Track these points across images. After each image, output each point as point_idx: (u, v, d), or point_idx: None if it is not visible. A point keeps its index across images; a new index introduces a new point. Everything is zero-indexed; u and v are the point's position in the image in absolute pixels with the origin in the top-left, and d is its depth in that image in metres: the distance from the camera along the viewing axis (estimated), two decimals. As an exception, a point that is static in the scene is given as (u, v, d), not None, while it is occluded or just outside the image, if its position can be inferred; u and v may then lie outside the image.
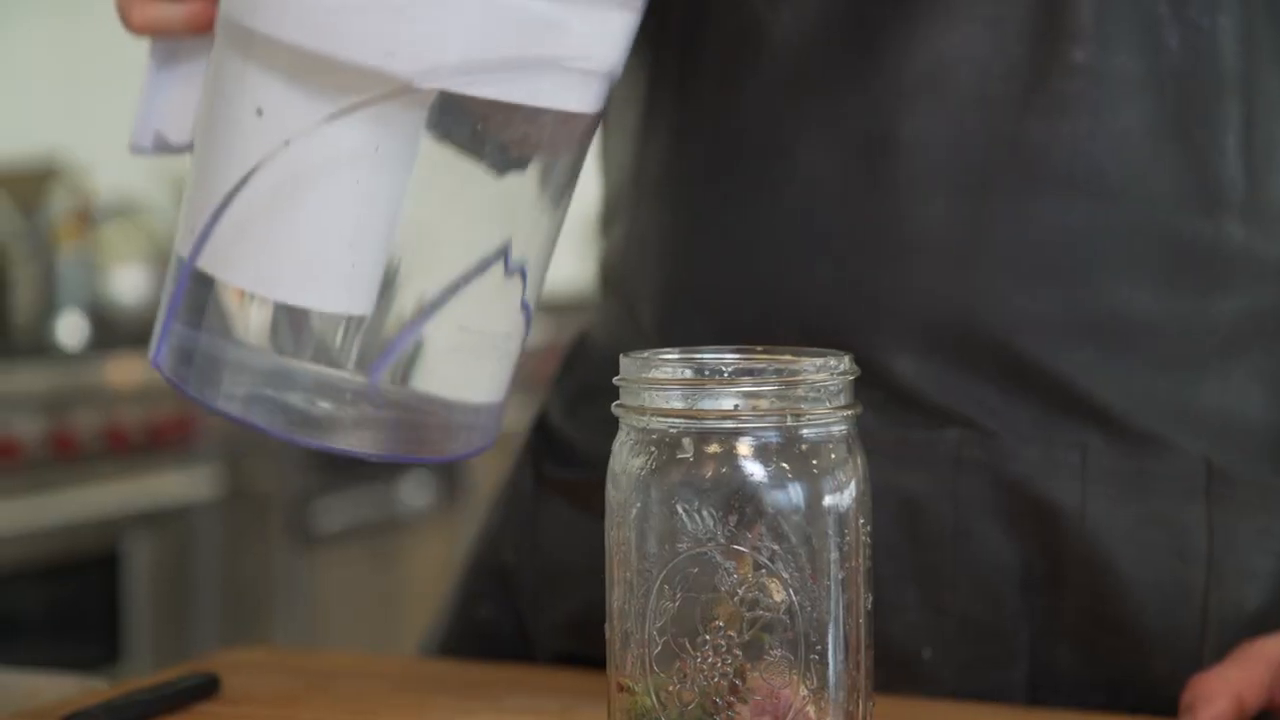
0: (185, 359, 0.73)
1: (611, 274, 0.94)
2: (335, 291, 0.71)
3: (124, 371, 2.65)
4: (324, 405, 0.71)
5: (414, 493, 3.19)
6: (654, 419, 0.65)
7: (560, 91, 0.70)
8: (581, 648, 0.88)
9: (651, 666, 0.65)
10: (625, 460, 0.66)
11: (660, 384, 0.65)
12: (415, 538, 3.18)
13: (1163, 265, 0.82)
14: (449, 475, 3.26)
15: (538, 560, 0.92)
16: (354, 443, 0.72)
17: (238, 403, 0.72)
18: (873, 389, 0.81)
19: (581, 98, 0.71)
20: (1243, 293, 0.82)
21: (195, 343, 0.72)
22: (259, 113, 0.69)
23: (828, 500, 0.65)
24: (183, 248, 0.73)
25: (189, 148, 0.77)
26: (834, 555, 0.64)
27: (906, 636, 0.83)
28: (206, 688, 0.84)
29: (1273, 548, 0.81)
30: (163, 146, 0.79)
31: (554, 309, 3.70)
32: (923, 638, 0.83)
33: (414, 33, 0.67)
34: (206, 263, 0.71)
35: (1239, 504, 0.81)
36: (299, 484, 2.94)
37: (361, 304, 0.71)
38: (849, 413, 0.66)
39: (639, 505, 0.65)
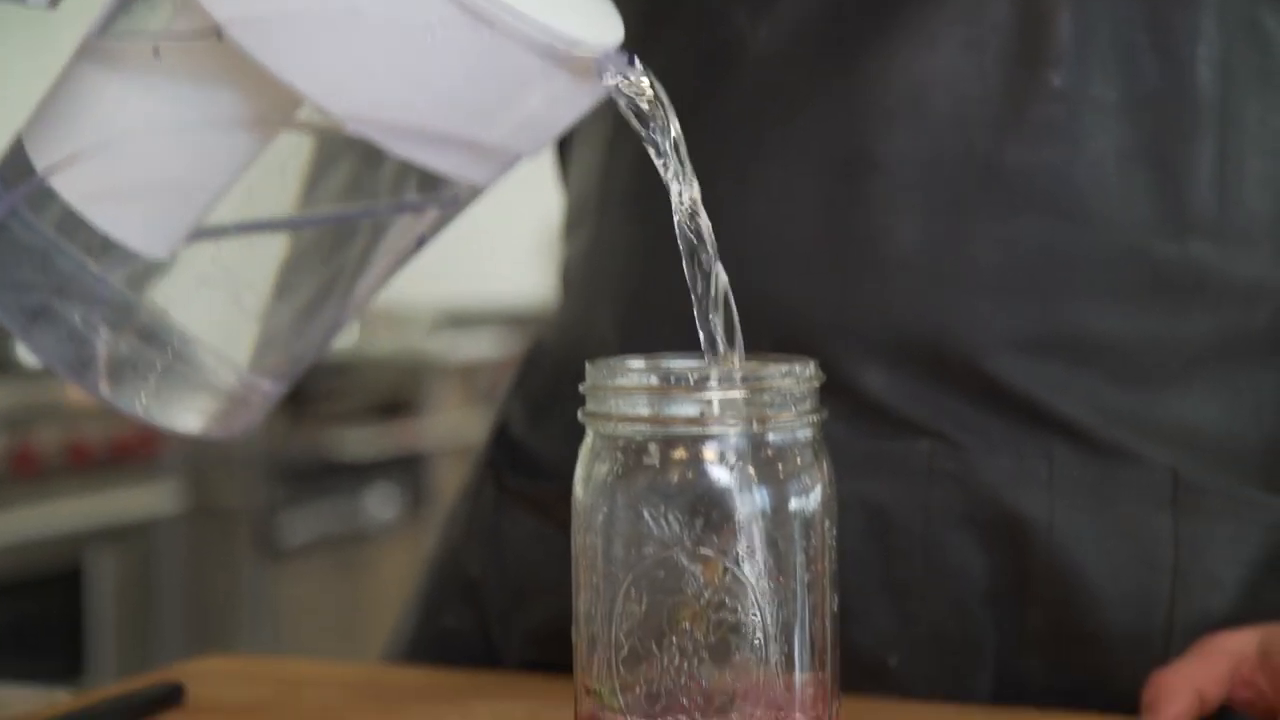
0: None
1: (573, 279, 0.94)
2: (159, 241, 0.72)
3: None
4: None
5: (379, 505, 3.19)
6: (620, 425, 0.65)
7: (474, 167, 0.70)
8: (548, 656, 0.88)
9: (618, 669, 0.65)
10: (591, 466, 0.66)
11: (626, 390, 0.66)
12: (381, 549, 3.18)
13: (1133, 287, 0.82)
14: (414, 487, 3.26)
15: (504, 574, 0.92)
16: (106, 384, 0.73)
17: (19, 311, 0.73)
18: (843, 400, 0.82)
19: (488, 174, 0.72)
20: (1210, 314, 0.83)
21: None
22: (155, 54, 0.69)
23: (794, 504, 0.65)
24: (39, 154, 0.72)
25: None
26: (800, 559, 0.65)
27: (874, 644, 0.83)
28: (171, 697, 0.83)
29: (1241, 557, 0.82)
30: None
31: (515, 321, 3.71)
32: (890, 646, 0.84)
33: (367, 84, 0.66)
34: (58, 181, 0.71)
35: (1207, 513, 0.82)
36: (264, 498, 2.93)
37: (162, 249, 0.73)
38: (814, 418, 0.66)
39: (605, 510, 0.65)
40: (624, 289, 0.89)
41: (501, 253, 4.06)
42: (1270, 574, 0.82)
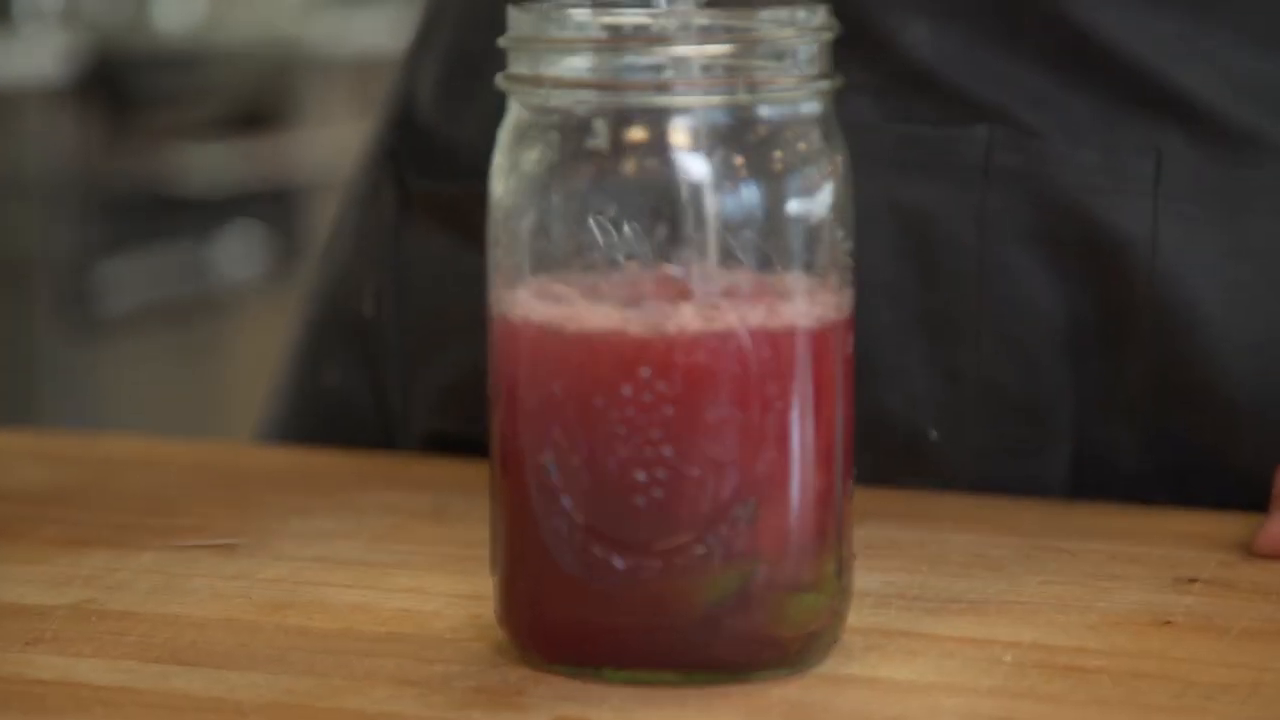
0: None
1: None
2: None
3: None
4: None
5: (236, 260, 3.19)
6: (554, 92, 0.66)
7: None
8: (459, 426, 0.90)
9: (553, 435, 0.66)
10: (514, 154, 0.67)
11: (565, 44, 0.66)
12: (238, 318, 3.18)
13: None
14: (286, 231, 3.26)
15: (405, 309, 0.93)
16: None
17: None
18: (873, 69, 0.83)
19: None
20: None
21: None
22: None
23: (793, 206, 0.65)
24: None
25: None
26: (801, 281, 0.66)
27: (908, 411, 0.85)
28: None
29: None
30: None
31: None
32: (930, 413, 0.85)
33: None
34: None
35: None
36: (73, 245, 2.94)
37: None
38: (825, 84, 0.66)
39: (533, 215, 0.66)
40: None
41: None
42: None
